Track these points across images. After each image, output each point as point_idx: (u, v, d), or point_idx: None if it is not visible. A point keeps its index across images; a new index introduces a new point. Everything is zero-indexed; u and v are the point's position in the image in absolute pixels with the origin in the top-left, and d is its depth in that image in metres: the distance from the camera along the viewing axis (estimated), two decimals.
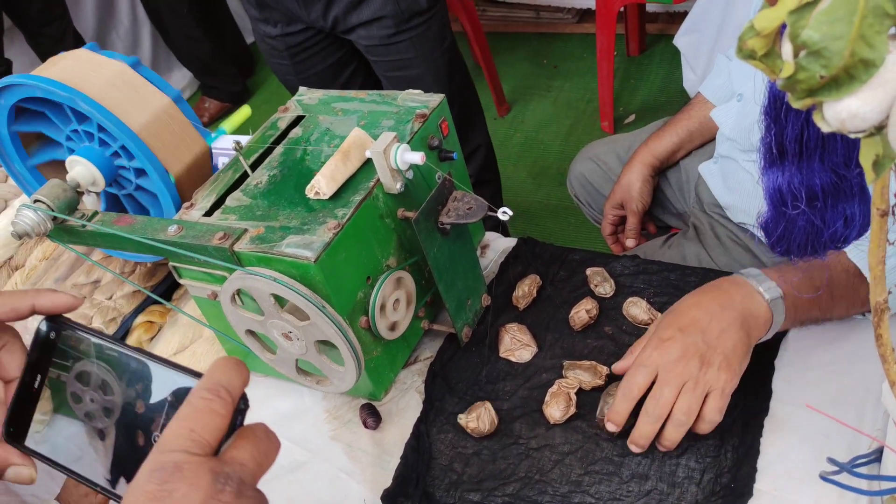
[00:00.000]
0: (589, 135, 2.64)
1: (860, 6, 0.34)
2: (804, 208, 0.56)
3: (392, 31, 1.61)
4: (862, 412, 0.80)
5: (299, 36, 1.70)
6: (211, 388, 0.44)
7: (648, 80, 2.81)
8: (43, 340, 0.54)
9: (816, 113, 0.39)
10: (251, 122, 3.39)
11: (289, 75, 1.80)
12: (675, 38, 2.14)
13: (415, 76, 1.70)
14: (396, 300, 0.89)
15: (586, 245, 2.26)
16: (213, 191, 0.93)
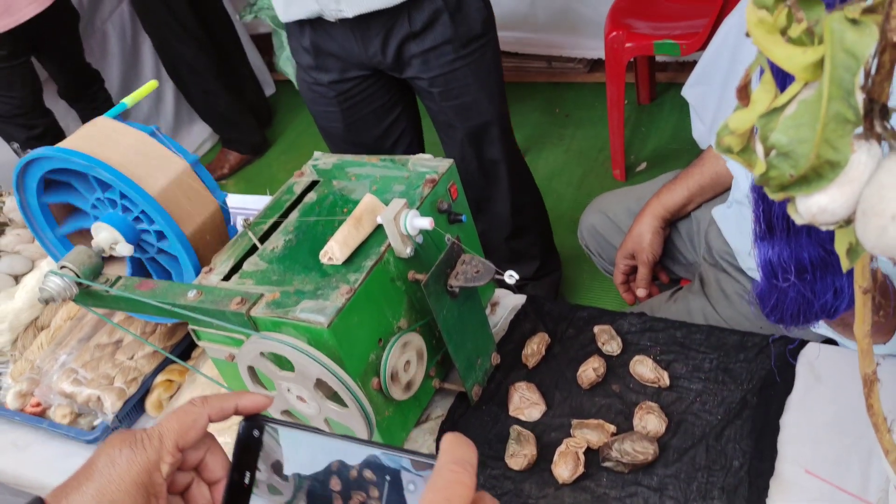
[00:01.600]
0: (601, 183, 2.67)
1: (822, 114, 0.37)
2: (794, 281, 0.58)
3: (451, 58, 1.62)
4: (867, 471, 0.81)
5: (350, 83, 1.71)
6: (457, 462, 0.47)
7: (659, 128, 2.85)
8: (247, 438, 0.56)
9: (790, 205, 0.41)
10: (270, 179, 3.46)
11: (334, 122, 1.80)
12: (684, 90, 2.17)
13: (470, 102, 1.71)
14: (407, 361, 0.91)
15: (598, 293, 2.27)
16: (230, 255, 0.96)
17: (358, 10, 1.53)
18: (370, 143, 1.84)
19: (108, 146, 0.94)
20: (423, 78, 1.67)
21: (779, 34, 0.39)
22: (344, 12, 1.54)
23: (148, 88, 1.03)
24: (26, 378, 1.11)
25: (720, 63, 2.05)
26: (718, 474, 0.85)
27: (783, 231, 0.58)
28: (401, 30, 1.58)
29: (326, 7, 1.54)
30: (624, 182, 2.64)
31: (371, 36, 1.59)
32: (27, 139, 2.59)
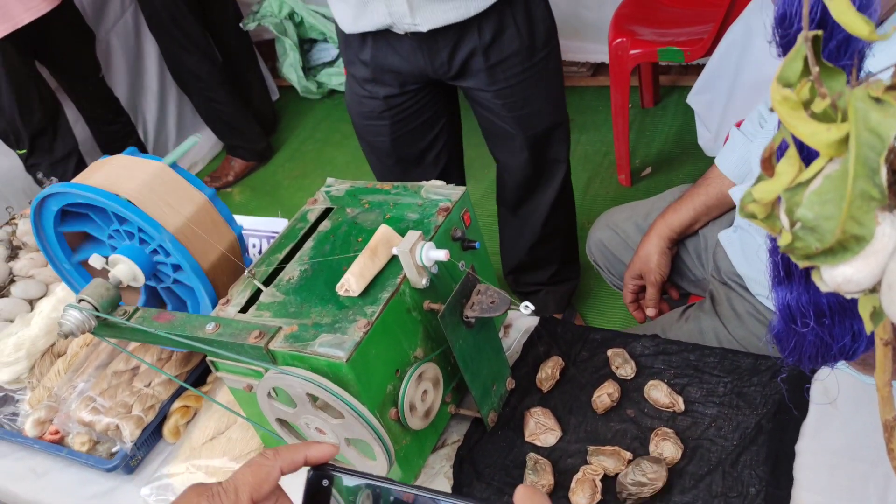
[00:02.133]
0: (606, 188, 2.67)
1: (848, 192, 0.37)
2: (813, 325, 0.59)
3: (518, 70, 1.62)
4: (884, 497, 0.81)
5: (405, 97, 1.69)
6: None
7: (663, 131, 2.85)
8: (315, 488, 0.57)
9: (815, 273, 0.42)
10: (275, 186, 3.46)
11: (381, 136, 1.77)
12: (689, 98, 2.18)
13: (533, 112, 1.70)
14: (424, 391, 0.92)
15: (607, 302, 2.28)
16: (247, 286, 0.97)
17: (433, 25, 1.51)
18: (414, 156, 1.83)
19: (126, 181, 0.95)
20: (486, 90, 1.65)
21: (803, 110, 0.39)
22: (419, 26, 1.51)
23: (189, 145, 1.03)
24: (44, 406, 1.12)
25: (725, 71, 2.06)
26: (735, 501, 0.85)
27: (801, 276, 0.58)
28: (470, 42, 1.56)
29: (400, 21, 1.51)
30: (629, 187, 2.65)
31: (439, 48, 1.57)
32: (51, 164, 2.60)
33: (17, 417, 1.17)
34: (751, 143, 1.26)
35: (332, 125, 3.53)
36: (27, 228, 1.42)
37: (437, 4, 1.48)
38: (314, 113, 3.65)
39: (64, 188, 0.95)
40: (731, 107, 2.05)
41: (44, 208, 1.01)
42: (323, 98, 3.70)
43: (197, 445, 1.06)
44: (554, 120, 1.75)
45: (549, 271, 2.04)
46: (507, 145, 1.80)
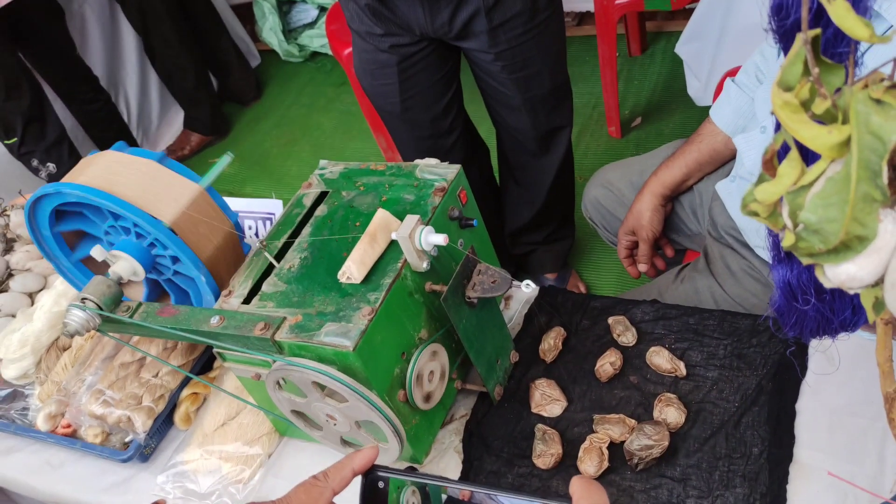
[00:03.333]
0: (597, 142, 2.66)
1: (851, 195, 0.38)
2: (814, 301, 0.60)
3: (520, 31, 1.59)
4: (882, 454, 0.84)
5: (412, 47, 1.65)
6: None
7: (652, 80, 2.83)
8: (371, 492, 0.58)
9: (818, 269, 0.43)
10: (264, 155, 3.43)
11: (391, 98, 1.73)
12: (677, 47, 2.16)
13: (532, 73, 1.67)
14: (431, 371, 0.93)
15: (602, 259, 2.29)
16: (248, 276, 0.97)
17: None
18: (427, 123, 1.79)
19: (119, 178, 0.95)
20: (487, 52, 1.62)
21: (804, 114, 0.39)
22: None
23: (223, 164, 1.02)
24: (55, 400, 1.13)
25: (713, 19, 2.04)
26: (739, 462, 0.88)
27: None
28: (472, 3, 1.53)
29: None
30: (620, 139, 2.64)
31: (441, 7, 1.54)
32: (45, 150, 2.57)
33: (27, 412, 1.18)
34: (746, 96, 1.26)
35: (317, 89, 3.49)
36: (20, 220, 1.42)
37: None
38: (298, 77, 3.60)
39: (56, 188, 0.94)
40: (720, 55, 2.03)
41: (37, 209, 1.00)
42: (305, 61, 3.65)
43: (209, 431, 1.08)
44: (554, 83, 1.73)
45: (547, 231, 2.05)
46: (506, 109, 1.78)
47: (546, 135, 1.83)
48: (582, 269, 2.28)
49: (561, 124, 1.84)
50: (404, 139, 1.84)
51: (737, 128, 1.29)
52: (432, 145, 1.83)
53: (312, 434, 0.95)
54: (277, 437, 1.07)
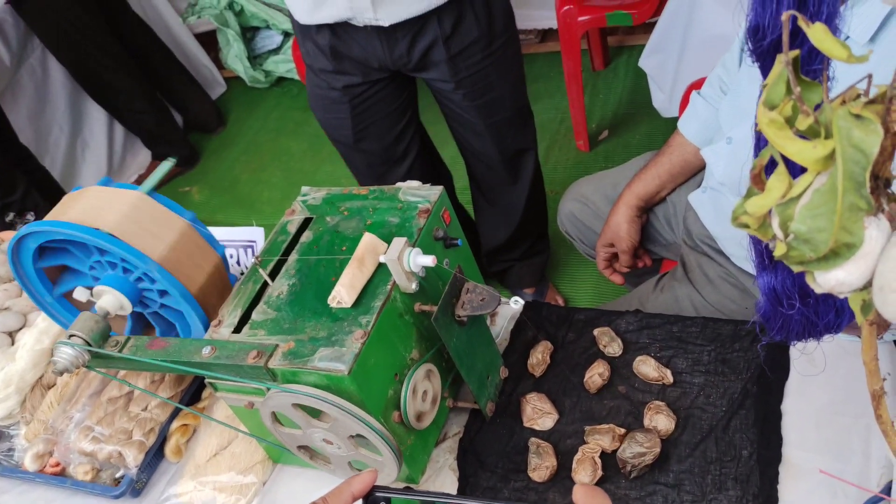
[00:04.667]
0: (566, 155, 2.70)
1: (838, 206, 0.40)
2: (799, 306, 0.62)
3: (478, 59, 1.62)
4: (867, 450, 0.86)
5: (365, 86, 1.67)
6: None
7: (616, 93, 2.89)
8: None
9: (808, 276, 0.45)
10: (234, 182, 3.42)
11: (343, 130, 1.76)
12: (641, 61, 2.21)
13: (494, 98, 1.71)
14: (425, 391, 0.94)
15: (578, 271, 2.32)
16: (237, 305, 0.98)
17: (395, 19, 1.50)
18: (380, 152, 1.82)
19: (105, 213, 0.95)
20: (448, 81, 1.65)
21: (789, 130, 0.42)
22: (380, 21, 1.50)
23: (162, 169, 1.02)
24: (42, 439, 1.12)
25: (674, 33, 2.09)
26: (730, 465, 0.90)
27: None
28: (429, 34, 1.55)
29: (361, 15, 1.50)
30: (588, 152, 2.68)
31: (398, 40, 1.56)
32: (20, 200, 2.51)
33: (13, 453, 1.17)
34: (712, 107, 1.30)
35: (284, 113, 3.49)
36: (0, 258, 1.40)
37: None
38: (265, 103, 3.60)
39: (42, 227, 0.94)
40: (683, 67, 2.08)
41: (22, 247, 1.00)
42: (271, 86, 3.65)
43: (201, 462, 1.07)
44: (516, 106, 1.76)
45: (523, 248, 2.08)
46: (471, 134, 1.81)
47: (512, 158, 1.87)
48: (558, 282, 2.30)
49: (525, 146, 1.87)
50: (358, 167, 1.88)
51: (705, 139, 1.33)
52: (386, 171, 1.86)
53: (324, 468, 0.96)
54: (271, 465, 1.07)
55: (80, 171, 3.15)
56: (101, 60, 2.90)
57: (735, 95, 1.17)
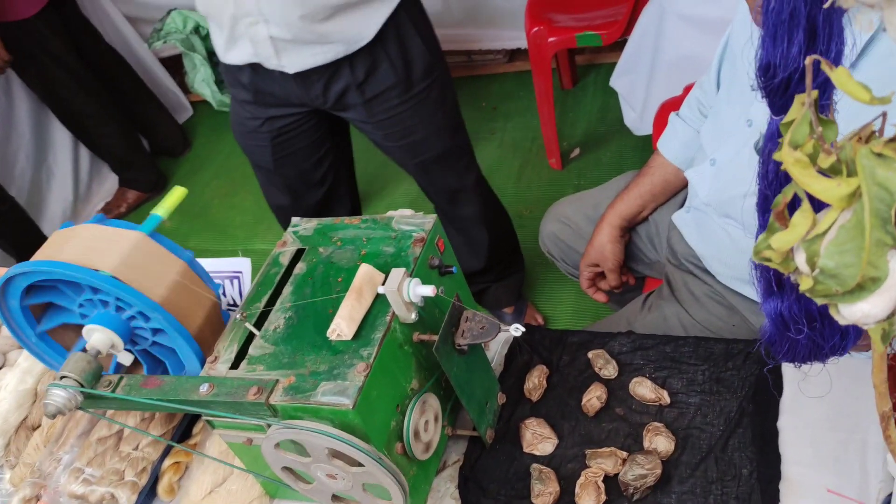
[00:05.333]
0: (539, 174, 2.73)
1: (866, 242, 0.41)
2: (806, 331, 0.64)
3: (396, 103, 1.63)
4: (864, 465, 0.88)
5: (287, 119, 1.69)
6: None
7: (586, 111, 2.92)
8: None
9: (832, 308, 0.46)
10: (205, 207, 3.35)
11: (264, 157, 1.78)
12: (612, 81, 2.25)
13: (418, 140, 1.72)
14: (426, 421, 0.94)
15: (555, 289, 2.33)
16: (233, 341, 0.97)
17: (299, 68, 1.53)
18: (295, 177, 1.85)
19: (103, 254, 0.93)
20: (366, 122, 1.68)
21: (812, 169, 0.43)
22: (285, 68, 1.54)
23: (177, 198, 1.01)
24: (29, 483, 1.09)
25: (644, 52, 2.13)
26: (731, 484, 0.91)
27: (792, 288, 0.63)
28: (342, 79, 1.58)
29: (267, 61, 1.53)
30: (561, 170, 2.71)
31: (312, 82, 1.58)
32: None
33: None
34: (691, 129, 1.32)
35: None
36: None
37: (303, 48, 1.50)
38: None
39: (36, 267, 0.92)
40: (654, 86, 2.12)
41: (10, 285, 0.98)
42: None
43: (196, 500, 1.05)
44: (443, 147, 1.77)
45: (497, 271, 2.09)
46: (406, 169, 1.85)
47: (451, 196, 1.89)
48: (537, 301, 2.32)
49: (460, 187, 1.88)
50: (271, 190, 1.91)
51: (685, 159, 1.35)
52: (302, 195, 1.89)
53: (300, 489, 0.95)
54: (269, 500, 1.06)
55: (46, 199, 3.09)
56: (72, 87, 2.86)
57: (715, 118, 1.19)
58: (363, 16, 1.50)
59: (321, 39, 1.49)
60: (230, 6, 1.46)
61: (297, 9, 1.43)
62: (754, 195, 1.05)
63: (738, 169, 1.07)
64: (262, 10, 1.44)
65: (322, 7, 1.44)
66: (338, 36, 1.49)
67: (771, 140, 0.59)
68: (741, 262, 1.15)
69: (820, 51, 0.51)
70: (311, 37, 1.48)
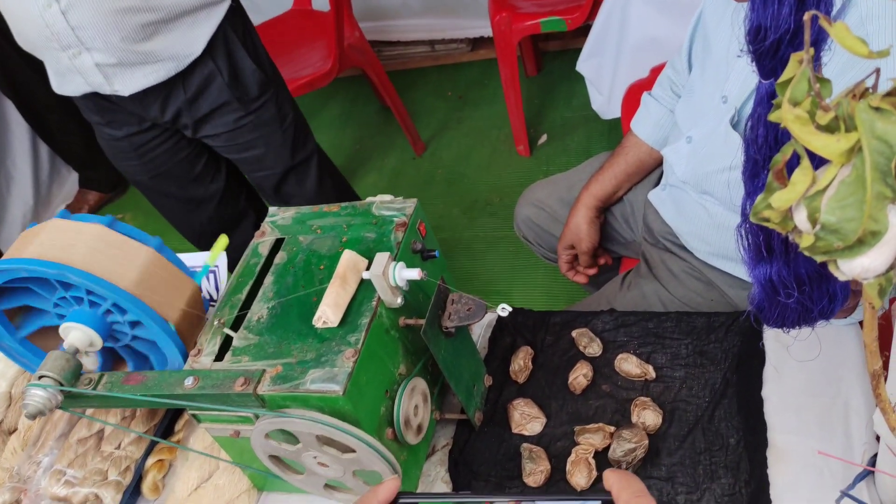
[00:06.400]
0: (508, 161, 2.73)
1: (868, 196, 0.42)
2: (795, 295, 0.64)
3: (232, 118, 1.67)
4: (848, 429, 0.90)
5: (146, 135, 1.70)
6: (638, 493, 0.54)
7: (551, 97, 2.93)
8: None
9: (831, 264, 0.47)
10: None
11: (140, 176, 1.79)
12: (578, 65, 2.25)
13: (259, 155, 1.76)
14: (416, 405, 0.94)
15: (528, 271, 2.34)
16: (215, 333, 0.95)
17: (134, 89, 1.54)
18: (183, 196, 1.86)
19: (68, 246, 0.91)
20: (208, 135, 1.70)
21: (812, 125, 0.43)
22: (119, 92, 1.54)
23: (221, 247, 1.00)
24: (8, 488, 1.06)
25: (609, 35, 2.14)
26: (719, 454, 0.92)
27: (781, 252, 0.64)
28: (177, 98, 1.60)
29: (100, 88, 1.54)
30: (529, 157, 2.71)
31: (149, 103, 1.60)
32: None
33: None
34: (664, 108, 1.33)
35: None
36: None
37: (133, 70, 1.51)
38: None
39: (4, 265, 0.89)
40: (620, 69, 2.13)
41: None
42: None
43: (182, 497, 1.04)
44: (284, 166, 1.81)
45: None
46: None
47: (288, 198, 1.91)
48: (509, 287, 2.32)
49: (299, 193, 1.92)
50: (160, 203, 1.91)
51: (659, 139, 1.36)
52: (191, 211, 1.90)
53: (291, 480, 0.94)
54: (256, 493, 1.04)
55: (6, 203, 3.02)
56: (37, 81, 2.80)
57: (689, 96, 1.20)
58: (186, 30, 1.52)
59: (148, 59, 1.50)
60: (50, 42, 1.46)
61: (114, 32, 1.45)
62: (731, 170, 1.06)
63: (715, 145, 1.08)
64: (82, 39, 1.44)
65: (139, 26, 1.46)
66: (165, 53, 1.51)
67: (760, 105, 0.59)
68: (719, 237, 1.16)
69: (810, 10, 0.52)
70: (136, 58, 1.49)
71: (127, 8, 1.43)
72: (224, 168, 1.89)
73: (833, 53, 0.54)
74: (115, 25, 1.44)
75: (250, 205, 2.03)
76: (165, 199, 1.86)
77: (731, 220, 1.12)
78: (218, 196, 1.89)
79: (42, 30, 1.43)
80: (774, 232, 0.63)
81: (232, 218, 1.97)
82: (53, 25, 1.42)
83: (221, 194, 1.89)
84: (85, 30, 1.43)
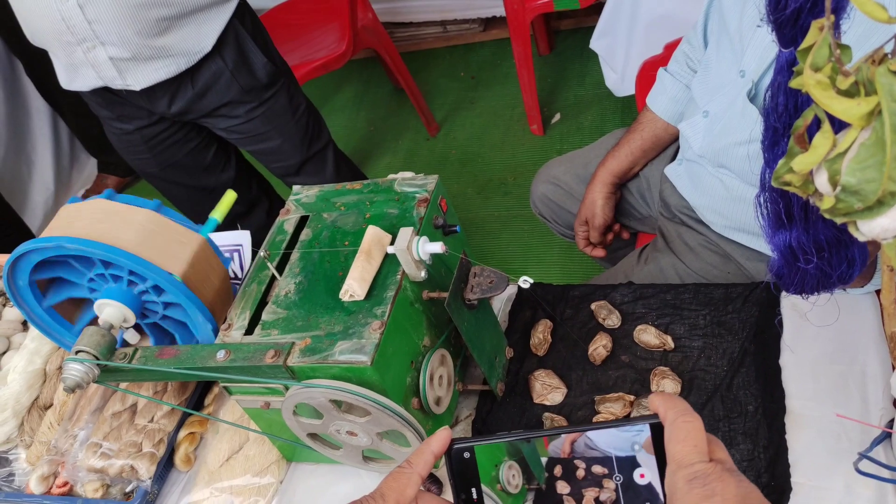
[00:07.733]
0: (522, 140, 2.74)
1: (888, 157, 0.43)
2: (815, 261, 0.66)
3: (243, 111, 1.69)
4: (864, 394, 0.91)
5: (156, 127, 1.73)
6: (684, 412, 0.55)
7: (564, 76, 2.93)
8: (460, 464, 0.61)
9: (851, 226, 0.48)
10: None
11: (150, 168, 1.82)
12: (592, 43, 2.26)
13: (274, 147, 1.79)
14: (440, 376, 0.96)
15: (543, 249, 2.36)
16: (244, 307, 0.98)
17: (146, 84, 1.57)
18: (195, 186, 1.89)
19: (119, 228, 0.94)
20: (219, 128, 1.73)
21: (832, 90, 0.45)
22: (132, 87, 1.57)
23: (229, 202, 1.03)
24: (46, 460, 1.09)
25: (622, 12, 2.14)
26: (738, 421, 0.94)
27: (800, 219, 0.65)
28: (185, 93, 1.62)
29: (112, 82, 1.56)
30: (543, 136, 2.72)
31: (157, 98, 1.62)
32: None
33: (14, 478, 1.14)
34: (680, 83, 1.34)
35: None
36: None
37: (146, 64, 1.54)
38: None
39: (45, 243, 0.92)
40: (633, 46, 2.13)
41: (21, 261, 0.98)
42: None
43: (214, 468, 1.07)
44: (299, 156, 1.84)
45: None
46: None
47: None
48: (525, 264, 2.34)
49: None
50: (175, 196, 1.94)
51: (674, 114, 1.37)
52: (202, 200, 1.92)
53: (332, 455, 0.97)
54: (286, 464, 1.07)
55: (27, 189, 3.06)
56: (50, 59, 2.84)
57: (706, 72, 1.21)
58: (199, 26, 1.55)
59: (161, 53, 1.53)
60: (65, 35, 1.47)
61: (130, 26, 1.47)
62: (748, 143, 1.08)
63: (732, 119, 1.09)
64: (97, 33, 1.47)
65: (154, 21, 1.48)
66: (177, 48, 1.54)
67: (780, 73, 0.61)
68: (735, 210, 1.17)
69: None
70: (150, 52, 1.52)
71: (143, 3, 1.45)
72: (234, 157, 1.92)
73: (852, 22, 0.56)
74: (132, 19, 1.46)
75: (262, 192, 2.06)
76: (177, 189, 1.90)
77: (747, 193, 1.14)
78: (230, 185, 1.92)
79: (57, 24, 1.45)
80: (794, 199, 0.64)
81: (245, 205, 2.00)
82: (70, 19, 1.44)
83: (233, 183, 1.93)
84: (101, 24, 1.45)
